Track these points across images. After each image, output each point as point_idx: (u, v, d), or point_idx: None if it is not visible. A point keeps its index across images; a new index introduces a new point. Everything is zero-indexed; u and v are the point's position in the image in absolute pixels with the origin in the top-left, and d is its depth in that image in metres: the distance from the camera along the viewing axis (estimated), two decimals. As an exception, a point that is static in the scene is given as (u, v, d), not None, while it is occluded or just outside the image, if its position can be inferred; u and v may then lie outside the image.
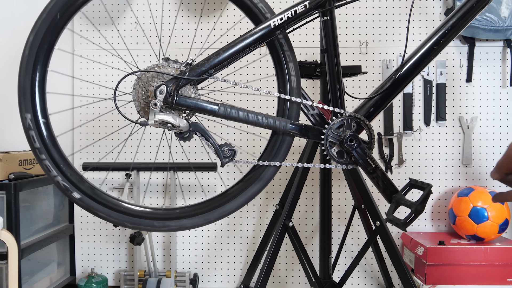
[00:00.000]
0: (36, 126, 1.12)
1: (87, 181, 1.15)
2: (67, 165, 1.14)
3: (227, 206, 1.15)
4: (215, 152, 1.14)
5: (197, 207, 1.16)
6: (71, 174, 1.14)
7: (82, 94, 2.21)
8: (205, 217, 1.15)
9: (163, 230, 1.15)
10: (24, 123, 1.12)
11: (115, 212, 1.14)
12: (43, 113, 1.13)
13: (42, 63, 1.12)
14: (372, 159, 1.15)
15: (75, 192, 1.13)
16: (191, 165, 2.08)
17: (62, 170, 1.13)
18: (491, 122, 2.13)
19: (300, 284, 2.20)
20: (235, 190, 1.17)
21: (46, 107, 1.14)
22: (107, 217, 1.14)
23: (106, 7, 2.19)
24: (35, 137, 1.12)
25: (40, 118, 1.12)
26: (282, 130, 1.13)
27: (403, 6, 2.13)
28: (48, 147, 1.13)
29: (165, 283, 2.00)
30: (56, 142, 1.14)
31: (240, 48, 1.11)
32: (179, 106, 1.10)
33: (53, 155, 1.13)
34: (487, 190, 1.93)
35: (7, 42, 2.25)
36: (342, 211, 2.17)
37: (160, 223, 1.14)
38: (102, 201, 1.14)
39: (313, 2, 1.14)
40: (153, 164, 2.17)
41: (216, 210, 1.15)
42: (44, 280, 2.04)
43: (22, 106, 1.11)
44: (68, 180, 1.13)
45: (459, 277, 1.82)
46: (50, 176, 1.13)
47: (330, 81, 1.20)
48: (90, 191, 1.14)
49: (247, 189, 1.16)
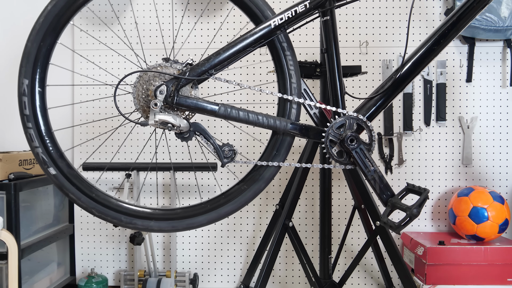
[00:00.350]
0: (31, 93, 1.12)
1: (67, 159, 1.15)
2: (51, 140, 1.13)
3: (197, 219, 1.16)
4: (216, 152, 1.14)
5: (169, 212, 1.16)
6: (53, 149, 1.13)
7: (82, 94, 2.21)
8: (172, 224, 1.15)
9: (129, 227, 1.14)
10: (20, 88, 1.11)
11: (86, 197, 1.14)
12: (41, 82, 1.13)
13: (53, 34, 1.12)
14: (371, 161, 1.15)
15: (52, 168, 1.13)
16: (191, 165, 2.08)
17: (45, 143, 1.13)
18: (491, 122, 2.13)
19: (300, 284, 2.20)
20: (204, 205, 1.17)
21: (45, 77, 1.14)
22: (77, 200, 1.13)
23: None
24: (26, 103, 1.11)
25: (36, 86, 1.12)
26: (282, 130, 1.13)
27: (403, 6, 2.13)
28: (36, 117, 1.12)
29: (165, 283, 2.00)
30: (47, 115, 1.14)
31: (241, 48, 1.11)
32: (180, 106, 1.10)
33: (40, 126, 1.12)
34: (487, 190, 1.93)
35: (7, 43, 2.25)
36: (342, 211, 2.17)
37: (128, 219, 1.14)
38: (76, 183, 1.14)
39: (313, 2, 1.14)
40: (154, 164, 2.17)
41: (184, 220, 1.15)
42: (44, 280, 2.04)
43: (23, 70, 1.11)
44: (48, 154, 1.13)
45: (459, 277, 1.82)
46: (31, 146, 1.12)
47: (331, 81, 1.20)
48: (66, 170, 1.13)
49: (220, 208, 1.16)
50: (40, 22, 1.11)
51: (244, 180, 1.18)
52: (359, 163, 1.15)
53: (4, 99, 2.26)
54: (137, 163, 2.14)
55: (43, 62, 1.13)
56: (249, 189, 1.15)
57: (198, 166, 2.07)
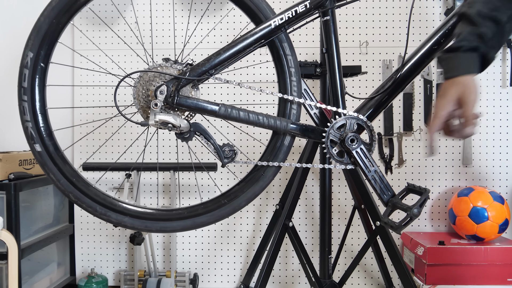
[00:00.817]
0: (33, 67, 1.11)
1: (55, 139, 1.14)
2: (44, 117, 1.13)
3: (172, 223, 1.15)
4: (216, 152, 1.13)
5: (145, 212, 1.15)
6: (43, 126, 1.13)
7: (83, 94, 2.21)
8: (145, 224, 1.14)
9: (102, 218, 1.13)
10: (23, 60, 1.11)
11: (66, 180, 1.13)
12: (45, 58, 1.12)
13: (67, 14, 1.12)
14: (371, 161, 1.15)
15: (38, 144, 1.12)
16: (192, 165, 2.08)
17: (37, 118, 1.12)
18: (491, 122, 2.13)
19: (300, 284, 2.20)
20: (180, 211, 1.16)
21: (51, 55, 1.13)
22: (56, 181, 1.13)
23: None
24: (27, 76, 1.11)
25: (40, 61, 1.11)
26: (283, 130, 1.13)
27: (403, 6, 2.13)
28: (34, 91, 1.12)
29: (165, 283, 2.00)
30: (44, 91, 1.13)
31: (241, 48, 1.11)
32: (180, 106, 1.09)
33: (35, 101, 1.12)
34: (487, 190, 1.93)
35: (8, 44, 2.25)
36: (342, 211, 2.17)
37: (103, 210, 1.13)
38: (59, 164, 1.13)
39: (314, 2, 1.14)
40: (154, 164, 2.17)
41: (158, 222, 1.14)
42: (44, 280, 2.03)
43: (29, 43, 1.11)
44: (37, 130, 1.12)
45: (459, 277, 1.82)
46: (22, 119, 1.12)
47: (331, 81, 1.19)
48: (52, 149, 1.13)
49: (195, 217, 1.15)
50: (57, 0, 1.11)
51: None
52: (359, 163, 1.15)
53: (4, 99, 2.25)
54: (137, 163, 2.14)
55: (52, 39, 1.12)
56: (228, 204, 1.14)
57: (198, 166, 2.07)
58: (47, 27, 1.11)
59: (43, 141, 1.12)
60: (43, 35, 1.11)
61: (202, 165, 2.06)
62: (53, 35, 1.12)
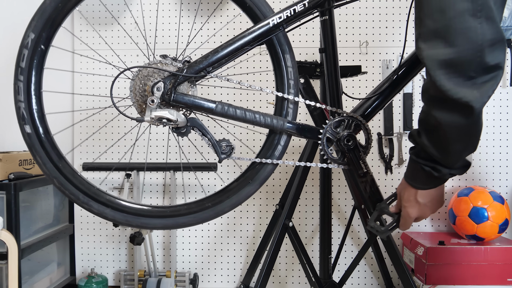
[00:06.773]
0: (33, 48, 1.11)
1: (46, 123, 1.13)
2: (37, 99, 1.13)
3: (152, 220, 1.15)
4: (213, 147, 1.12)
5: (126, 206, 1.14)
6: (36, 108, 1.12)
7: (82, 93, 2.21)
8: (126, 218, 1.13)
9: (84, 207, 1.13)
10: (24, 40, 1.11)
11: (52, 165, 1.12)
12: (46, 41, 1.12)
13: (72, 1, 1.12)
14: (364, 163, 1.15)
15: (28, 126, 1.11)
16: (191, 165, 2.09)
17: (30, 99, 1.12)
18: (491, 122, 2.12)
19: (300, 284, 2.20)
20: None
21: (52, 38, 1.13)
22: (42, 164, 1.12)
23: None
24: (25, 56, 1.11)
25: (41, 43, 1.11)
26: (279, 129, 1.13)
27: (403, 6, 2.13)
28: (30, 72, 1.11)
29: (165, 283, 2.00)
30: (41, 72, 1.13)
31: (239, 46, 1.11)
32: (176, 103, 1.09)
33: (31, 83, 1.12)
34: (487, 190, 1.92)
35: (7, 43, 2.26)
36: (342, 211, 2.17)
37: (85, 199, 1.12)
38: (47, 148, 1.12)
39: (312, 2, 1.14)
40: (154, 164, 2.17)
41: (139, 218, 1.14)
42: (44, 280, 2.04)
43: (32, 24, 1.10)
44: (29, 112, 1.12)
45: (459, 277, 1.82)
46: (16, 99, 1.12)
47: (328, 80, 1.20)
48: (42, 132, 1.12)
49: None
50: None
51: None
52: (353, 163, 1.15)
53: (4, 100, 2.26)
54: (137, 163, 2.14)
55: (55, 22, 1.12)
56: (211, 208, 1.14)
57: (198, 166, 2.07)
58: (51, 10, 1.11)
59: (34, 123, 1.12)
60: (47, 17, 1.10)
61: (202, 165, 2.06)
62: (57, 19, 1.12)
